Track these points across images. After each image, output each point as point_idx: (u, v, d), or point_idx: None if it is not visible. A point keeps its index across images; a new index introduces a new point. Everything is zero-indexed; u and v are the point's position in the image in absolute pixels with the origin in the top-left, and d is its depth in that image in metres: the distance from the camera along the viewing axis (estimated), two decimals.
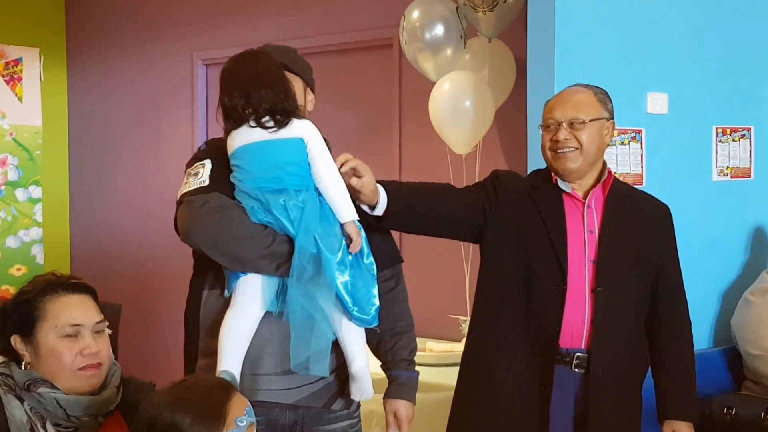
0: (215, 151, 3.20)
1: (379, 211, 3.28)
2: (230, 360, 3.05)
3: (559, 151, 3.43)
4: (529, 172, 3.90)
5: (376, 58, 6.08)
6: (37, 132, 7.91)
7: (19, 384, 2.65)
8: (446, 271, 5.45)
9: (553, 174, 3.51)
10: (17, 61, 7.80)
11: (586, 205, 3.49)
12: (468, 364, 3.65)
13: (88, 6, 7.99)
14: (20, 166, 7.82)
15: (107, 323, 2.78)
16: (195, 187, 3.12)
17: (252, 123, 3.07)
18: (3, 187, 7.74)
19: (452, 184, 5.16)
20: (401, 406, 3.31)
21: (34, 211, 7.92)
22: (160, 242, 7.19)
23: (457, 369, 4.76)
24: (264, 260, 3.04)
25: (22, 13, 7.83)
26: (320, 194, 3.09)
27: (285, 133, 3.08)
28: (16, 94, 7.80)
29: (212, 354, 3.11)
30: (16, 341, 2.68)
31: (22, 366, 2.68)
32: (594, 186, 3.50)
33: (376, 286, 3.16)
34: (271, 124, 3.06)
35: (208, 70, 7.19)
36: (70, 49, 8.13)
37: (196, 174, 3.17)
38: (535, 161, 3.84)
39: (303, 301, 3.02)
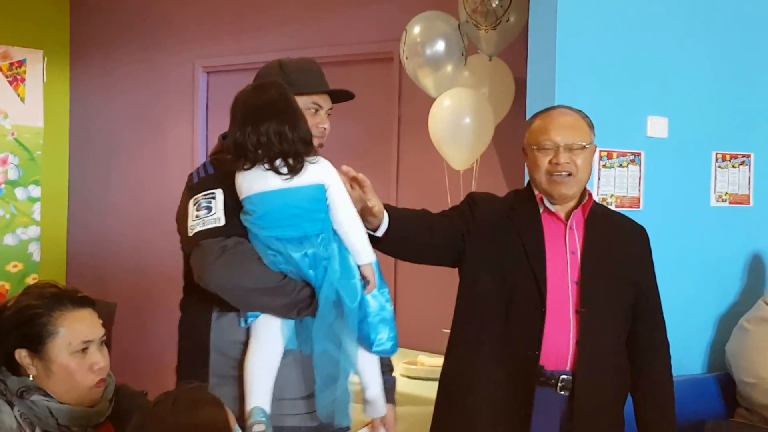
0: (225, 177, 3.02)
1: (380, 233, 3.20)
2: (260, 395, 2.98)
3: (556, 174, 3.34)
4: (513, 190, 3.78)
5: (377, 72, 6.01)
6: (38, 132, 7.89)
7: (11, 390, 2.62)
8: (439, 285, 5.33)
9: (537, 194, 3.42)
10: (21, 63, 7.80)
11: (568, 226, 3.40)
12: (446, 385, 3.53)
13: (93, 10, 7.95)
14: (21, 166, 7.81)
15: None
16: (210, 226, 2.96)
17: (266, 166, 2.91)
18: (3, 186, 7.73)
19: (448, 199, 5.14)
20: (389, 410, 3.27)
21: (33, 210, 7.91)
22: (155, 245, 7.21)
23: None
24: (285, 309, 2.96)
25: (27, 15, 7.82)
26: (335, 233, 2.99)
27: (304, 179, 2.93)
28: (18, 95, 7.79)
29: (227, 376, 3.05)
30: (21, 356, 2.64)
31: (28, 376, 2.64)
32: (576, 207, 3.42)
33: (393, 317, 3.10)
34: (285, 170, 2.91)
35: (210, 78, 7.13)
36: (74, 52, 8.10)
37: (208, 208, 3.00)
38: None
39: (328, 345, 2.99)
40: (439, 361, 5.05)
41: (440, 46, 5.10)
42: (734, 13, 4.87)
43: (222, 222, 2.96)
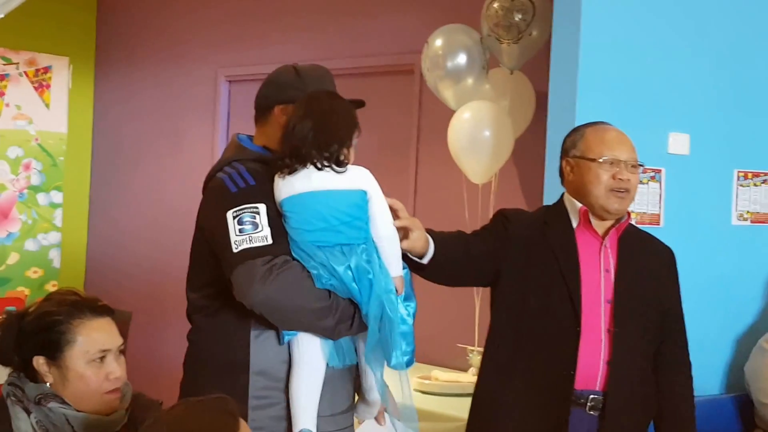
0: (266, 185, 2.92)
1: (426, 259, 3.15)
2: (307, 417, 2.92)
3: (616, 190, 3.28)
4: (543, 205, 3.75)
5: (397, 84, 5.98)
6: (61, 139, 7.90)
7: (28, 397, 2.60)
8: (455, 300, 5.29)
9: (581, 207, 3.33)
10: (47, 69, 7.82)
11: (603, 244, 3.34)
12: (479, 408, 3.45)
13: (119, 19, 7.97)
14: (43, 171, 7.82)
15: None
16: (258, 245, 2.83)
17: (318, 165, 2.85)
18: (26, 191, 7.73)
19: (466, 213, 5.08)
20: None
21: (54, 215, 7.90)
22: (174, 254, 7.13)
23: (462, 399, 4.73)
24: (329, 329, 2.88)
25: (54, 22, 7.84)
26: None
27: (346, 182, 2.86)
28: (44, 101, 7.81)
29: (269, 396, 2.96)
30: (39, 362, 2.61)
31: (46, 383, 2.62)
32: (613, 225, 3.35)
33: (412, 330, 3.01)
34: (331, 170, 2.87)
35: (232, 87, 7.12)
36: (99, 59, 8.12)
37: (253, 224, 2.86)
38: (552, 194, 3.70)
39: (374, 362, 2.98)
40: (454, 376, 5.03)
41: (461, 58, 5.05)
42: (756, 30, 4.80)
43: (270, 240, 2.83)
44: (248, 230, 2.84)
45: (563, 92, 4.31)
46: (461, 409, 4.42)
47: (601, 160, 3.28)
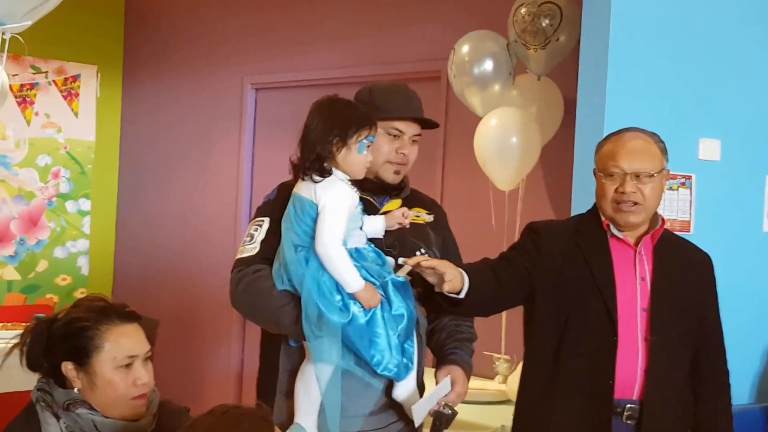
0: (280, 202, 3.15)
1: (463, 293, 3.12)
2: (302, 413, 3.03)
3: (622, 204, 3.21)
4: (573, 213, 3.74)
5: (424, 90, 5.79)
6: (90, 147, 7.94)
7: (57, 402, 2.62)
8: None
9: (603, 220, 3.29)
10: (75, 78, 7.87)
11: (637, 252, 3.27)
12: (523, 424, 3.41)
13: (147, 27, 8.01)
14: (72, 179, 7.86)
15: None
16: (244, 255, 3.15)
17: (302, 176, 3.09)
18: (54, 199, 7.77)
19: (492, 220, 5.04)
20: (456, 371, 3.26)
21: (83, 223, 7.94)
22: (201, 261, 7.21)
23: (489, 407, 4.69)
24: (289, 329, 3.05)
25: (83, 31, 7.88)
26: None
27: (310, 192, 3.04)
28: (72, 109, 7.86)
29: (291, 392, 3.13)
30: (68, 368, 2.63)
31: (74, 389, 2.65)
32: (646, 233, 3.28)
33: (408, 340, 3.09)
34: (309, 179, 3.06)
35: (258, 95, 7.11)
36: (127, 68, 8.17)
37: (251, 236, 3.18)
38: (580, 201, 3.65)
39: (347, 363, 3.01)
40: (481, 384, 4.96)
41: (488, 65, 5.02)
42: None
43: (255, 251, 3.13)
44: (247, 241, 3.17)
45: (592, 98, 4.28)
46: (488, 417, 4.47)
47: (606, 172, 3.25)
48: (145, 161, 7.97)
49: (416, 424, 3.10)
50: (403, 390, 3.07)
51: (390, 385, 3.09)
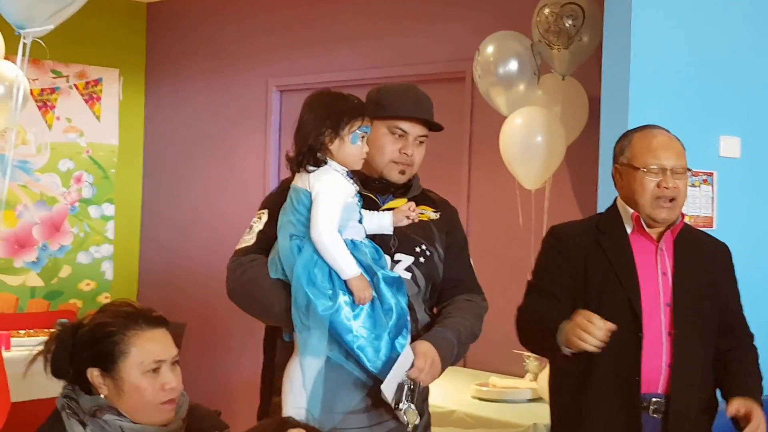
0: (280, 195, 3.23)
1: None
2: (288, 408, 3.07)
3: (661, 199, 3.33)
4: (596, 213, 3.84)
5: (449, 91, 6.06)
6: (113, 151, 8.06)
7: (84, 409, 2.63)
8: (510, 307, 5.40)
9: (632, 213, 3.40)
10: (97, 81, 7.99)
11: (658, 247, 3.41)
12: (559, 426, 3.56)
13: (168, 30, 8.11)
14: (95, 184, 7.98)
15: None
16: (243, 245, 3.24)
17: (294, 168, 3.18)
18: (77, 204, 7.89)
19: (520, 219, 5.19)
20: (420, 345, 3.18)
21: (106, 228, 8.05)
22: (226, 265, 7.14)
23: (520, 405, 4.84)
24: (280, 318, 3.12)
25: (104, 35, 8.00)
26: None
27: (304, 182, 3.12)
28: (94, 113, 7.97)
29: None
30: (93, 374, 2.64)
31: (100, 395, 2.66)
32: (668, 228, 3.42)
33: (400, 337, 3.11)
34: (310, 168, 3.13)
35: (283, 96, 7.23)
36: (149, 71, 8.26)
37: (250, 227, 3.28)
38: (606, 199, 3.79)
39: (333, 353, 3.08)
40: (511, 382, 5.11)
41: (513, 65, 5.18)
42: None
43: (252, 242, 3.22)
44: (246, 232, 3.27)
45: (615, 97, 4.42)
46: (519, 415, 4.60)
47: (645, 169, 3.33)
48: (169, 164, 8.03)
49: (390, 401, 3.07)
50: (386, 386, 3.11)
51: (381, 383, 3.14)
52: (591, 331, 3.06)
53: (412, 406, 3.08)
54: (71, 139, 7.84)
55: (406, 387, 3.06)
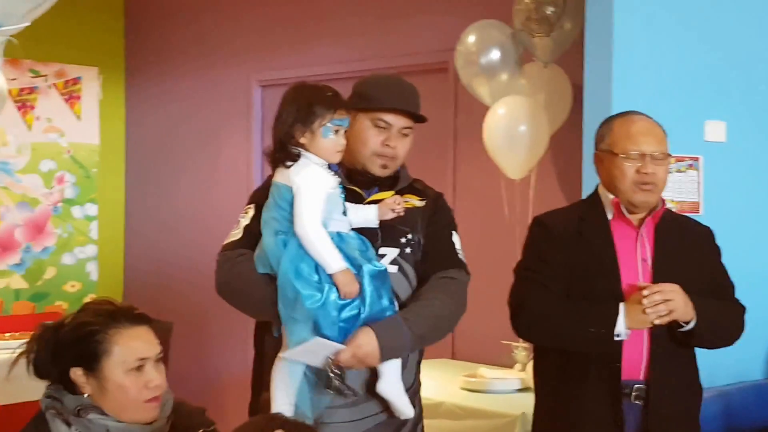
0: (266, 189, 3.24)
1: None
2: (278, 403, 3.09)
3: (642, 185, 3.37)
4: (579, 200, 3.88)
5: (432, 82, 6.03)
6: (94, 150, 8.02)
7: (68, 409, 2.65)
8: (499, 297, 5.42)
9: (613, 199, 3.45)
10: (76, 80, 7.94)
11: (639, 233, 3.45)
12: (543, 413, 3.61)
13: (147, 26, 8.10)
14: (77, 184, 7.94)
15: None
16: (229, 240, 3.28)
17: (273, 165, 3.22)
18: (60, 205, 7.85)
19: (505, 209, 5.20)
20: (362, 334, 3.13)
21: (90, 228, 8.01)
22: (212, 262, 7.11)
23: (509, 396, 4.87)
24: (267, 312, 3.14)
25: (82, 33, 7.96)
26: None
27: (285, 177, 3.13)
28: (74, 113, 7.93)
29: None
30: (77, 374, 2.66)
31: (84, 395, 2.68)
32: (648, 214, 3.46)
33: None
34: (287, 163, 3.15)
35: (265, 92, 7.22)
36: (129, 68, 8.24)
37: (238, 222, 3.31)
38: (590, 186, 3.80)
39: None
40: (500, 373, 5.13)
41: (495, 54, 5.19)
42: None
43: (239, 237, 3.25)
44: (234, 228, 3.30)
45: (598, 84, 4.45)
46: (508, 405, 4.63)
47: (625, 155, 3.38)
48: (151, 162, 8.03)
49: (283, 356, 3.10)
50: (387, 384, 3.16)
51: (373, 379, 3.17)
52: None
53: (344, 386, 3.11)
54: (52, 139, 7.80)
55: (329, 371, 3.06)
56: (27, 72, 7.69)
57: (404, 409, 3.21)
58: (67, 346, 2.66)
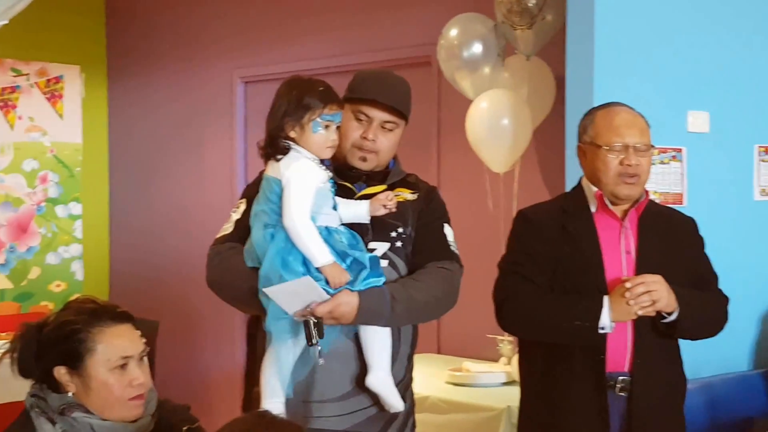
0: (258, 184, 3.26)
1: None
2: (267, 397, 3.13)
3: (625, 176, 3.39)
4: (563, 192, 3.89)
5: (415, 76, 5.91)
6: (77, 149, 8.01)
7: (52, 407, 2.66)
8: (483, 291, 5.43)
9: (596, 191, 3.46)
10: (58, 79, 7.92)
11: (623, 226, 3.46)
12: (529, 404, 3.63)
13: (129, 23, 8.08)
14: (61, 183, 7.92)
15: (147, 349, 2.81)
16: (222, 234, 3.32)
17: (265, 158, 3.24)
18: (44, 204, 7.84)
19: (489, 202, 5.22)
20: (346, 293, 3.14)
21: (74, 227, 8.01)
22: (198, 259, 7.08)
23: (494, 389, 4.89)
24: (253, 306, 3.15)
25: (63, 31, 7.95)
26: None
27: (275, 170, 3.15)
28: (57, 112, 7.91)
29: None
30: (60, 373, 2.66)
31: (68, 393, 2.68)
32: (632, 206, 3.47)
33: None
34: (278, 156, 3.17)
35: (248, 88, 7.22)
36: (111, 66, 8.23)
37: (230, 217, 3.34)
38: (573, 179, 3.81)
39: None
40: (485, 367, 5.15)
41: (477, 47, 5.19)
42: None
43: (230, 230, 3.29)
44: (226, 224, 3.34)
45: (580, 76, 4.44)
46: (493, 398, 4.66)
47: (608, 147, 3.39)
48: (135, 160, 8.02)
49: (265, 290, 3.10)
50: (376, 377, 3.17)
51: (363, 372, 3.19)
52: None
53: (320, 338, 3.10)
54: (34, 138, 7.78)
55: (311, 322, 3.06)
56: (8, 71, 7.67)
57: (394, 402, 3.21)
58: (51, 345, 2.66)
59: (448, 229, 3.45)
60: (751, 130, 4.91)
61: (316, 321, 3.05)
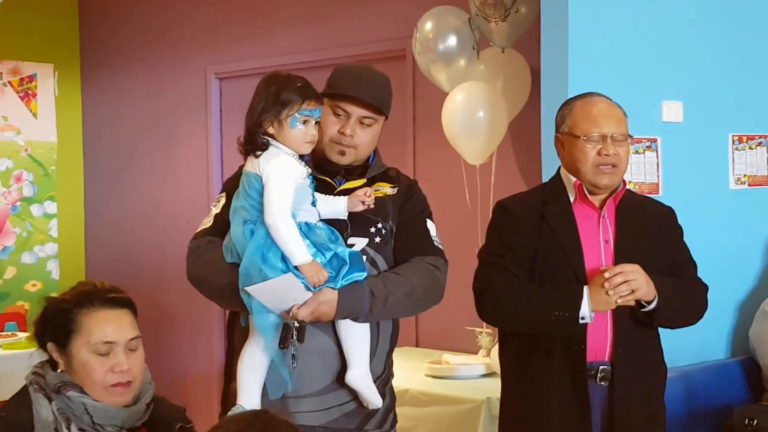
0: (238, 179, 3.26)
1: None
2: (243, 394, 3.14)
3: (603, 166, 3.41)
4: (542, 183, 3.89)
5: (390, 70, 5.81)
6: (51, 148, 7.99)
7: (50, 385, 2.71)
8: (461, 283, 5.44)
9: (575, 181, 3.48)
10: (32, 78, 7.90)
11: (601, 215, 3.48)
12: (509, 396, 3.64)
13: (102, 22, 8.06)
14: (35, 182, 7.90)
15: (141, 339, 2.83)
16: (201, 228, 3.34)
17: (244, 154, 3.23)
18: (19, 203, 7.82)
19: (467, 195, 5.23)
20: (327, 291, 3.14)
21: (50, 226, 7.99)
22: (174, 256, 7.06)
23: (474, 381, 4.91)
24: (234, 302, 3.15)
25: (36, 29, 7.93)
26: None
27: (255, 166, 3.15)
28: (30, 110, 7.89)
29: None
30: (51, 349, 2.74)
31: (58, 370, 2.75)
32: (609, 196, 3.49)
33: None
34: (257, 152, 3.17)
35: (222, 84, 7.21)
36: (84, 64, 8.20)
37: (210, 211, 3.37)
38: (549, 170, 3.83)
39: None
40: (464, 359, 5.17)
41: (452, 40, 5.20)
42: None
43: (209, 224, 3.32)
44: (206, 219, 3.36)
45: (555, 67, 4.46)
46: (472, 390, 4.68)
47: (586, 137, 3.41)
48: (110, 158, 8.00)
49: (247, 289, 3.09)
50: (354, 374, 3.18)
51: (343, 368, 3.20)
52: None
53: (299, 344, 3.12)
54: (8, 137, 7.76)
55: (292, 328, 3.08)
56: None
57: (372, 398, 3.23)
58: (47, 321, 2.75)
59: (430, 224, 3.46)
60: (725, 119, 4.94)
61: (297, 326, 3.07)
